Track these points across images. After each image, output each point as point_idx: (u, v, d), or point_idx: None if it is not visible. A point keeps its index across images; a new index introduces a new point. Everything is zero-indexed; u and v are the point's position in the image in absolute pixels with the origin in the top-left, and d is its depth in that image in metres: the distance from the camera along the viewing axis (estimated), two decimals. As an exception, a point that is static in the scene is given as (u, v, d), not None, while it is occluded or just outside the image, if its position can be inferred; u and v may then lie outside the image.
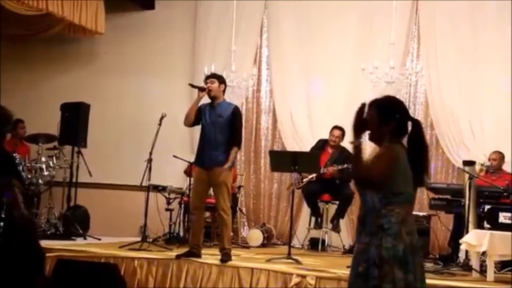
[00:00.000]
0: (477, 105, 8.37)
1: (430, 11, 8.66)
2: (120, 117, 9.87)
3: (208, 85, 6.71)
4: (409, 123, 3.62)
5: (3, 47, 9.10)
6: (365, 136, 3.66)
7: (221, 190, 6.62)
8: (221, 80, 6.83)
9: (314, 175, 8.23)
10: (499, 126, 8.18)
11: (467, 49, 8.49)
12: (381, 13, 8.57)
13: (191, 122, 6.78)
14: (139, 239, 7.54)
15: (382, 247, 3.48)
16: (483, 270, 6.22)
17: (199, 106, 6.76)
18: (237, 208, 8.66)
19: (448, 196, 7.38)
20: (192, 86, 6.99)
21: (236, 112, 6.80)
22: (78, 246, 7.42)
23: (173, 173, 8.95)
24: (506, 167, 7.72)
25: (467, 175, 6.75)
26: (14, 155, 7.95)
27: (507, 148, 7.72)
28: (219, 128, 6.65)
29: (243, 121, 9.25)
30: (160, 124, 7.61)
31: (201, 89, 6.72)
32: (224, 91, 6.84)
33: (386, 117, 3.60)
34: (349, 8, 8.98)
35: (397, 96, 8.60)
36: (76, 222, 8.40)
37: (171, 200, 8.42)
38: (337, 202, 8.42)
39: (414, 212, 7.82)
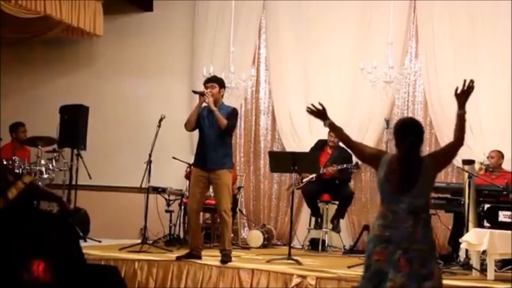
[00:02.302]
0: (476, 104, 8.36)
1: (428, 10, 8.67)
2: (119, 119, 9.87)
3: (208, 90, 6.72)
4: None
5: (2, 50, 9.11)
6: None
7: (223, 191, 6.63)
8: (221, 84, 6.87)
9: (313, 175, 8.23)
10: (498, 124, 8.17)
11: (466, 48, 8.49)
12: (379, 12, 8.58)
13: (192, 127, 6.82)
14: (139, 241, 7.54)
15: None
16: (483, 269, 6.23)
17: None
18: (237, 209, 8.66)
19: (448, 195, 7.38)
20: (195, 92, 7.01)
21: (233, 112, 6.84)
22: (78, 248, 7.41)
23: (172, 174, 8.95)
24: (505, 166, 7.72)
25: (466, 174, 6.76)
26: (13, 158, 7.98)
27: (506, 147, 7.71)
28: (219, 130, 6.66)
29: (242, 122, 9.32)
30: (159, 126, 7.63)
31: (203, 95, 6.74)
32: (223, 95, 6.89)
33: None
34: (347, 8, 8.98)
35: (396, 96, 8.80)
36: (76, 224, 8.37)
37: (171, 202, 8.41)
38: (337, 202, 8.43)
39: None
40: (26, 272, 3.89)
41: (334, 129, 4.51)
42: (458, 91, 4.28)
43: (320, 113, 4.51)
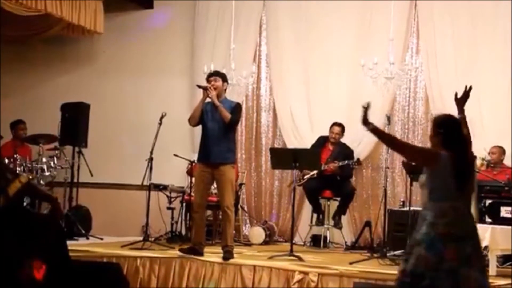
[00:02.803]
0: (477, 99, 8.35)
1: (428, 6, 8.65)
2: (120, 116, 9.87)
3: (212, 83, 6.74)
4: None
5: (2, 48, 9.11)
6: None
7: (227, 187, 6.65)
8: (224, 78, 6.90)
9: (315, 172, 8.23)
10: (499, 122, 8.16)
11: (466, 44, 8.49)
12: (380, 9, 8.55)
13: (196, 121, 6.83)
14: (141, 238, 7.54)
15: (419, 232, 4.24)
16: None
17: None
18: (239, 206, 8.66)
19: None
20: (199, 86, 7.00)
21: (236, 106, 6.87)
22: (81, 246, 7.42)
23: (174, 171, 8.95)
24: (507, 162, 7.72)
25: (468, 170, 6.74)
26: (15, 156, 7.98)
27: (507, 142, 7.71)
28: (223, 124, 6.67)
29: (243, 119, 9.31)
30: (160, 123, 7.62)
31: (206, 89, 6.74)
32: (226, 89, 6.91)
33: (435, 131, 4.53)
34: (347, 4, 8.97)
35: (397, 92, 8.80)
36: (78, 222, 8.40)
37: (172, 199, 8.43)
38: (339, 199, 8.43)
39: (414, 208, 7.88)
40: (25, 272, 3.90)
41: (377, 133, 4.41)
42: (458, 96, 4.38)
43: (363, 117, 4.34)
